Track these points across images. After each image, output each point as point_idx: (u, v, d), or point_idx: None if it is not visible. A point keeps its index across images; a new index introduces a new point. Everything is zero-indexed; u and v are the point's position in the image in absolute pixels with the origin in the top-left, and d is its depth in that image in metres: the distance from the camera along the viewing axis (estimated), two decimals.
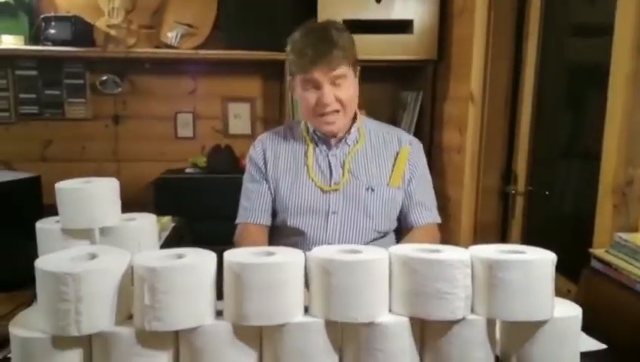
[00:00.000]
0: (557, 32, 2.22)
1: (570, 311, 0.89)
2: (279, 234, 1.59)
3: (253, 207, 1.56)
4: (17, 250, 1.20)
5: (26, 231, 1.00)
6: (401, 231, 1.61)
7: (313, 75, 1.42)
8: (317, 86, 1.44)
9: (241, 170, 1.65)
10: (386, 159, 1.56)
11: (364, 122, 1.62)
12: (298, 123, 1.65)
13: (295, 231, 1.53)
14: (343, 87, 1.45)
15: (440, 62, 2.79)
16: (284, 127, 1.68)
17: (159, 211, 2.10)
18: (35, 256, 0.91)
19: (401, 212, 1.57)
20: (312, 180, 1.53)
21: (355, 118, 1.57)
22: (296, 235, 1.53)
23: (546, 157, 2.30)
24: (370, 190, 1.51)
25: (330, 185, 1.52)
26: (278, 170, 1.57)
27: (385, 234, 1.56)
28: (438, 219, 1.62)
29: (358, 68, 1.52)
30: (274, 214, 1.58)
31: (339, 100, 1.45)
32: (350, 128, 1.55)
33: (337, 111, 1.47)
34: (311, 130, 1.57)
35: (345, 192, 1.51)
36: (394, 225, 1.59)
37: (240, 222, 1.59)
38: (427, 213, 1.57)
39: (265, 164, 1.58)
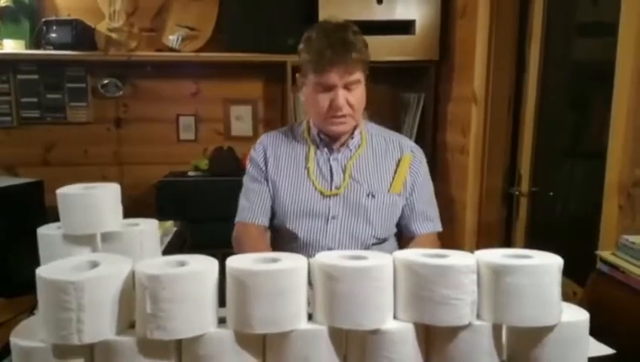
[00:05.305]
0: (560, 32, 2.21)
1: (577, 316, 0.87)
2: (277, 236, 1.58)
3: (252, 207, 1.54)
4: (19, 255, 1.19)
5: (28, 237, 0.99)
6: (402, 239, 1.59)
7: (329, 77, 1.39)
8: (330, 88, 1.41)
9: (244, 172, 1.64)
10: (388, 165, 1.54)
11: (366, 126, 1.60)
12: (299, 124, 1.63)
13: (294, 234, 1.51)
14: (355, 92, 1.43)
15: (442, 63, 2.78)
16: (285, 128, 1.66)
17: (161, 214, 2.09)
18: (36, 261, 0.91)
19: (402, 220, 1.56)
20: (313, 183, 1.51)
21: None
22: (294, 238, 1.51)
23: (550, 158, 2.29)
24: (370, 196, 1.49)
25: (330, 190, 1.50)
26: (278, 171, 1.55)
27: (384, 241, 1.54)
28: (440, 228, 1.60)
29: (368, 73, 1.49)
30: (272, 216, 1.56)
31: (350, 105, 1.43)
32: (353, 132, 1.54)
33: (347, 115, 1.44)
34: (314, 132, 1.55)
35: (345, 197, 1.49)
36: (393, 231, 1.57)
37: (239, 221, 1.57)
38: (429, 223, 1.56)
39: (265, 164, 1.56)
